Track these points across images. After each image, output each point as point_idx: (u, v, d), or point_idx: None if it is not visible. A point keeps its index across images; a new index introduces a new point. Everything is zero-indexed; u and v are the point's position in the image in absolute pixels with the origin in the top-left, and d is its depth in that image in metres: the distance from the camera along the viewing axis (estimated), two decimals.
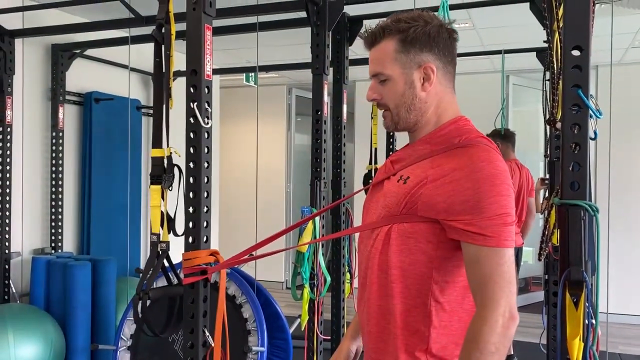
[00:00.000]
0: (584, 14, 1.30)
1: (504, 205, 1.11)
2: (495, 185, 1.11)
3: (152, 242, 1.74)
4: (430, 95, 1.24)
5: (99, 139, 3.90)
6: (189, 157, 1.70)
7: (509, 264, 1.10)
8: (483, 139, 1.20)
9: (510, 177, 3.72)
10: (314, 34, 2.63)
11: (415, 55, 1.21)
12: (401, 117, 1.25)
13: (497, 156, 1.16)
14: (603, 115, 1.30)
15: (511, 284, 1.10)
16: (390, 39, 1.22)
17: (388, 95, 1.24)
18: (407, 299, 1.18)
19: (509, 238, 1.11)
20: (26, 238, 3.52)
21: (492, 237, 1.09)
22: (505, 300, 1.08)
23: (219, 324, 1.68)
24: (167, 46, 1.74)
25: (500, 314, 1.07)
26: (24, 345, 2.89)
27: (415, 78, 1.22)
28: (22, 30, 3.34)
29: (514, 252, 4.08)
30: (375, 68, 1.25)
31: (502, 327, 1.07)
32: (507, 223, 1.11)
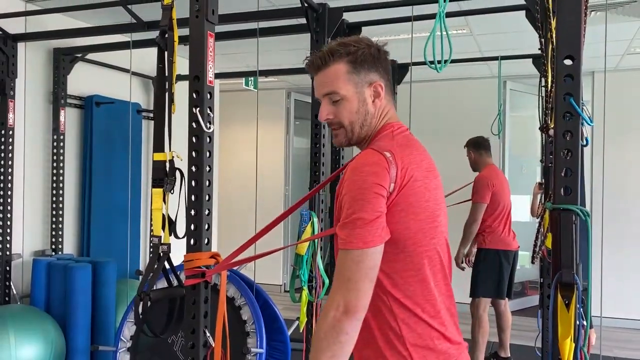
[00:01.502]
0: (576, 25, 1.34)
1: (357, 210, 1.18)
2: (352, 191, 1.20)
3: (153, 244, 1.78)
4: (378, 109, 1.35)
5: (99, 142, 3.93)
6: (192, 161, 1.74)
7: (351, 263, 1.18)
8: (378, 143, 1.29)
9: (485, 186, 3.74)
10: (313, 40, 2.68)
11: (365, 75, 1.32)
12: (355, 132, 1.34)
13: (369, 159, 1.23)
14: (594, 123, 1.34)
15: (351, 281, 1.17)
16: (340, 61, 1.31)
17: (342, 113, 1.32)
18: (375, 304, 1.25)
19: (355, 239, 1.18)
20: (27, 240, 3.54)
21: (342, 239, 1.20)
22: (339, 295, 1.17)
23: (219, 325, 1.71)
24: (170, 52, 1.78)
25: (334, 307, 1.17)
26: (24, 346, 2.91)
27: (367, 96, 1.33)
28: (25, 35, 3.38)
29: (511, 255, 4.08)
30: (327, 88, 1.32)
31: (332, 318, 1.16)
32: (356, 226, 1.18)
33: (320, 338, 1.17)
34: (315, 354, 1.18)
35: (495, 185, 3.87)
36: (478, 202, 3.85)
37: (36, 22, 3.49)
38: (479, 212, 3.84)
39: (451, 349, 1.26)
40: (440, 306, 1.27)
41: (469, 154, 4.11)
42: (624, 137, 5.53)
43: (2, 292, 3.34)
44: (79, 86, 3.88)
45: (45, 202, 3.69)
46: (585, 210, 1.34)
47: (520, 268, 5.11)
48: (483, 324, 3.83)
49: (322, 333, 1.17)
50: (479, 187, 3.88)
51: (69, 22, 3.73)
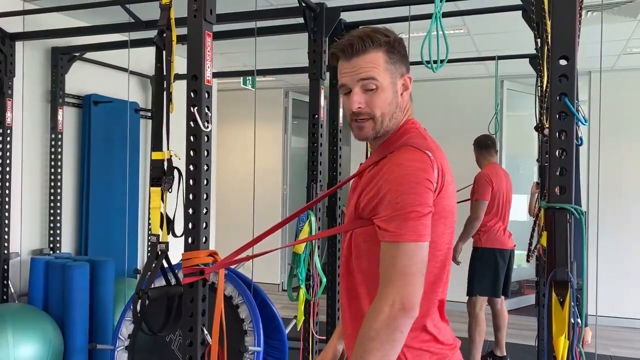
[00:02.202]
0: (571, 26, 1.35)
1: (409, 203, 1.15)
2: (402, 185, 1.16)
3: (151, 242, 1.79)
4: (404, 102, 1.32)
5: (97, 141, 3.93)
6: (189, 160, 1.75)
7: (405, 257, 1.13)
8: (414, 140, 1.25)
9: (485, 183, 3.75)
10: (311, 39, 2.69)
11: (399, 66, 1.30)
12: (384, 125, 1.29)
13: (416, 156, 1.20)
14: (588, 123, 1.35)
15: (406, 275, 1.12)
16: (379, 49, 1.26)
17: (376, 103, 1.27)
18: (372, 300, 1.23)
19: (409, 232, 1.14)
20: (25, 239, 3.54)
21: (392, 232, 1.15)
22: (394, 291, 1.12)
23: (216, 323, 1.72)
24: (169, 52, 1.79)
25: (387, 304, 1.11)
26: (23, 345, 2.92)
27: (398, 87, 1.30)
28: (23, 34, 3.38)
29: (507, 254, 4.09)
30: (366, 74, 1.26)
31: (387, 316, 1.11)
32: (409, 218, 1.14)
33: (371, 337, 1.11)
34: (363, 354, 1.12)
35: (494, 183, 3.88)
36: (479, 200, 3.86)
37: (34, 21, 3.49)
38: (481, 209, 3.85)
39: (445, 349, 1.27)
40: (439, 308, 1.28)
41: (474, 151, 4.13)
42: (620, 137, 5.56)
43: (0, 291, 3.34)
44: (76, 85, 3.88)
45: (43, 201, 3.69)
46: (580, 209, 1.35)
47: (516, 267, 5.14)
48: (480, 322, 3.85)
49: (373, 332, 1.11)
50: (479, 185, 3.90)
51: (67, 21, 3.74)
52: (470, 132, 4.26)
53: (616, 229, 5.44)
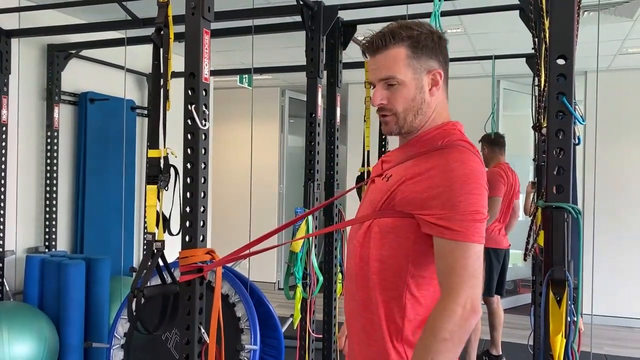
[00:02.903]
0: (569, 25, 1.35)
1: (473, 203, 1.16)
2: (467, 184, 1.16)
3: (147, 240, 1.78)
4: (435, 100, 1.30)
5: (93, 138, 3.92)
6: (187, 158, 1.74)
7: (474, 259, 1.15)
8: (463, 142, 1.25)
9: (499, 179, 3.74)
10: (308, 38, 2.68)
11: (425, 61, 1.27)
12: (407, 120, 1.28)
13: (473, 157, 1.21)
14: (586, 122, 1.36)
15: (475, 277, 1.14)
16: (401, 44, 1.26)
17: (397, 99, 1.27)
18: (386, 291, 1.24)
19: (477, 234, 1.15)
20: (20, 236, 3.53)
21: (460, 231, 1.14)
22: (467, 292, 1.12)
23: (214, 321, 1.72)
24: (166, 49, 1.78)
25: (460, 304, 1.11)
26: (18, 343, 2.92)
27: (424, 83, 1.28)
28: (19, 31, 3.37)
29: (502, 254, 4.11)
30: (386, 73, 1.26)
31: (460, 317, 1.11)
32: (476, 220, 1.16)
33: (444, 339, 1.10)
34: (434, 354, 1.10)
35: (505, 181, 3.88)
36: (494, 197, 3.82)
37: (30, 18, 3.48)
38: (497, 206, 3.83)
39: None
40: None
41: (482, 149, 4.08)
42: (616, 137, 5.59)
43: None
44: (73, 83, 3.87)
45: (39, 199, 3.68)
46: (577, 208, 1.35)
47: (512, 266, 5.15)
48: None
49: (446, 333, 1.10)
50: (492, 182, 3.84)
51: (63, 18, 3.73)
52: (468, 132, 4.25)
53: (611, 228, 5.47)
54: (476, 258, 1.15)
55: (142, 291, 1.76)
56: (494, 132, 4.10)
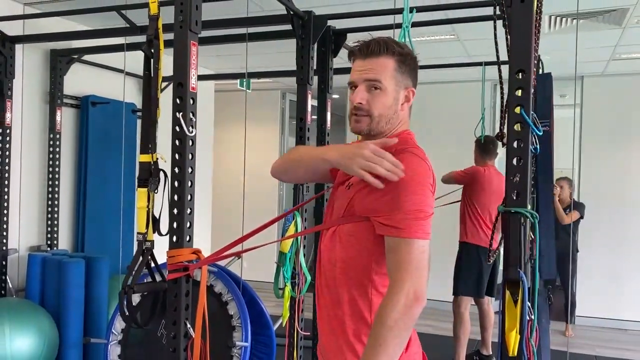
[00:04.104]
0: (527, 42, 1.45)
1: (417, 203, 1.26)
2: (411, 186, 1.27)
3: (138, 240, 1.88)
4: (403, 114, 1.44)
5: (94, 141, 4.03)
6: (175, 163, 1.84)
7: (417, 253, 1.25)
8: (412, 149, 1.36)
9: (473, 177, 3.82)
10: (298, 46, 2.78)
11: (405, 78, 1.41)
12: (379, 125, 1.40)
13: (419, 161, 1.32)
14: (542, 132, 1.45)
15: (418, 269, 1.24)
16: (391, 56, 1.39)
17: (376, 104, 1.38)
18: (352, 289, 1.35)
19: (420, 230, 1.25)
20: (23, 235, 3.64)
21: (403, 229, 1.25)
22: (410, 283, 1.22)
23: (199, 316, 1.82)
24: (156, 60, 1.89)
25: (404, 294, 1.21)
26: (19, 338, 3.01)
27: (400, 96, 1.41)
28: (23, 37, 3.48)
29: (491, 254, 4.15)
30: (374, 75, 1.38)
31: (403, 305, 1.20)
32: (419, 217, 1.26)
33: (389, 326, 1.20)
34: (381, 341, 1.20)
35: (476, 181, 3.96)
36: (455, 176, 4.05)
37: (34, 24, 3.59)
38: (449, 179, 4.06)
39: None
40: None
41: (474, 151, 4.21)
42: (612, 140, 5.65)
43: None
44: (75, 86, 3.98)
45: (42, 199, 3.79)
46: (534, 213, 1.44)
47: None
48: (464, 321, 3.94)
49: (391, 321, 1.20)
50: (465, 171, 4.04)
51: (66, 24, 3.83)
52: (464, 135, 4.32)
53: (603, 231, 5.52)
54: (419, 252, 1.25)
55: (132, 288, 1.86)
56: (484, 135, 4.18)
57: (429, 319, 5.67)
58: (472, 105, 5.52)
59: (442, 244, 5.98)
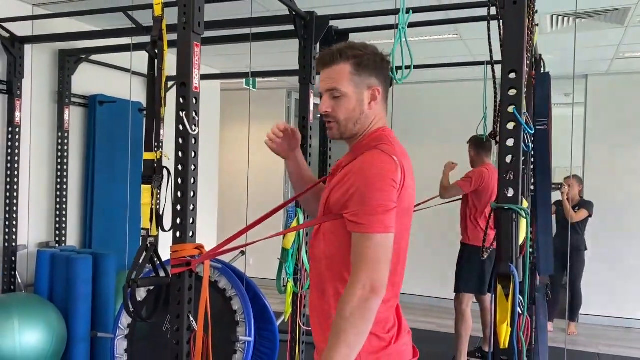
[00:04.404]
0: (519, 43, 1.48)
1: (378, 198, 1.31)
2: (373, 182, 1.32)
3: (142, 236, 1.94)
4: (373, 112, 1.47)
5: (102, 139, 4.10)
6: (178, 160, 1.89)
7: (375, 247, 1.29)
8: (383, 146, 1.40)
9: (482, 180, 3.85)
10: (301, 46, 2.82)
11: (366, 78, 1.45)
12: (348, 128, 1.47)
13: (384, 158, 1.36)
14: (534, 131, 1.48)
15: (375, 262, 1.28)
16: (347, 61, 1.44)
17: (340, 109, 1.44)
18: (336, 283, 1.41)
19: (380, 225, 1.30)
20: (32, 232, 3.72)
21: (363, 224, 1.30)
22: (367, 275, 1.27)
23: (201, 310, 1.87)
24: (160, 60, 1.94)
25: (360, 287, 1.26)
26: (28, 332, 3.08)
27: (364, 97, 1.45)
28: (32, 37, 3.55)
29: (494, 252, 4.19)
30: (331, 84, 1.44)
31: (359, 297, 1.26)
32: (378, 212, 1.30)
33: (346, 317, 1.25)
34: (341, 331, 1.25)
35: (484, 183, 3.97)
36: (457, 186, 4.00)
37: (42, 24, 3.65)
38: (453, 192, 4.02)
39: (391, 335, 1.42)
40: (394, 298, 1.44)
41: (469, 150, 4.19)
42: (617, 137, 5.65)
43: (8, 281, 3.52)
44: (82, 86, 4.05)
45: (50, 197, 3.86)
46: (525, 210, 1.48)
47: None
48: (466, 318, 3.97)
49: (347, 312, 1.25)
50: (466, 176, 4.01)
51: (74, 25, 3.90)
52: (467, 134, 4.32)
53: (607, 228, 5.53)
54: (378, 246, 1.29)
55: (137, 282, 1.92)
56: (480, 135, 4.19)
57: (431, 316, 5.72)
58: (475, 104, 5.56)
59: (442, 243, 6.05)
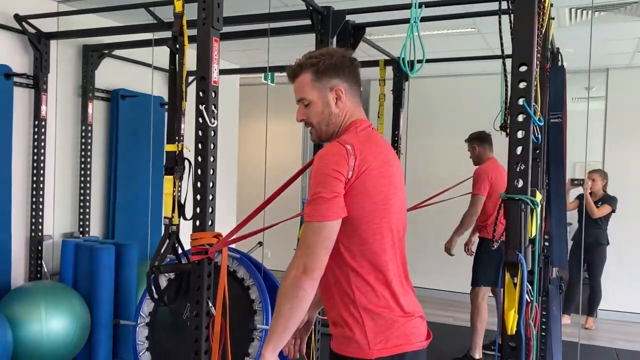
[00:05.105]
0: (529, 37, 1.51)
1: (319, 189, 1.41)
2: (317, 174, 1.44)
3: (164, 224, 2.01)
4: (342, 110, 1.57)
5: (124, 132, 4.20)
6: (197, 152, 1.96)
7: (312, 233, 1.40)
8: (343, 136, 1.51)
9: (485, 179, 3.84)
10: (318, 40, 2.87)
11: (326, 81, 1.55)
12: (322, 130, 1.59)
13: (331, 150, 1.45)
14: (543, 123, 1.51)
15: (310, 247, 1.40)
16: (306, 71, 1.56)
17: (311, 115, 1.58)
18: (335, 270, 1.49)
19: (316, 214, 1.40)
20: (57, 223, 3.83)
21: (306, 213, 1.43)
22: (301, 258, 1.40)
23: (220, 296, 1.94)
24: (181, 55, 2.01)
25: (294, 268, 1.40)
26: (54, 319, 3.17)
27: (329, 99, 1.56)
28: (57, 33, 3.64)
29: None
30: (299, 95, 1.58)
31: (293, 277, 1.40)
32: (317, 202, 1.41)
33: (282, 293, 1.41)
34: (278, 306, 1.42)
35: (494, 178, 3.99)
36: (477, 194, 3.98)
37: (67, 21, 3.75)
38: (478, 204, 3.97)
39: (398, 315, 1.48)
40: (392, 277, 1.48)
41: (472, 147, 4.21)
42: (636, 132, 5.59)
43: (35, 269, 3.63)
44: (105, 80, 4.14)
45: (74, 188, 3.97)
46: (535, 200, 1.51)
47: None
48: (482, 311, 3.99)
49: (283, 289, 1.41)
50: (478, 180, 4.01)
51: (97, 20, 3.99)
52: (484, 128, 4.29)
53: (624, 223, 5.48)
54: (313, 233, 1.40)
55: (159, 268, 1.99)
56: (480, 130, 4.19)
57: (448, 310, 5.74)
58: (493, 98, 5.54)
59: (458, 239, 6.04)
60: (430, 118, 6.17)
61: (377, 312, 1.46)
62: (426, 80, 5.90)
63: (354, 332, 1.46)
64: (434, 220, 5.60)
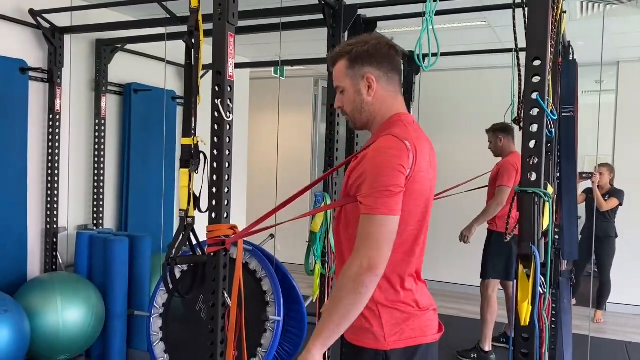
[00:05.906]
0: (543, 31, 1.52)
1: (384, 182, 1.38)
2: (381, 167, 1.39)
3: (180, 217, 2.05)
4: (376, 98, 1.56)
5: (137, 126, 4.23)
6: (213, 145, 1.99)
7: (377, 227, 1.36)
8: (395, 130, 1.48)
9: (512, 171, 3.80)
10: (329, 34, 2.88)
11: (359, 69, 1.55)
12: (356, 118, 1.59)
13: (393, 144, 1.42)
14: (556, 117, 1.53)
15: (376, 242, 1.35)
16: (342, 59, 1.57)
17: (346, 102, 1.58)
18: None
19: (383, 207, 1.37)
20: (72, 215, 3.88)
21: (369, 205, 1.38)
22: (365, 253, 1.35)
23: (235, 287, 1.98)
24: (197, 50, 2.03)
25: (357, 263, 1.34)
26: (70, 309, 3.23)
27: (361, 87, 1.55)
28: (71, 28, 3.68)
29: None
30: (335, 82, 1.60)
31: (355, 272, 1.34)
32: (384, 195, 1.37)
33: (341, 288, 1.35)
34: (334, 301, 1.36)
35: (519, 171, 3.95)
36: (503, 186, 3.93)
37: (80, 15, 3.78)
38: (504, 195, 3.92)
39: (414, 310, 1.50)
40: (412, 276, 1.52)
41: (497, 139, 4.13)
42: None
43: (50, 261, 3.69)
44: (118, 74, 4.18)
45: (88, 181, 4.02)
46: (548, 193, 1.53)
47: None
48: (492, 303, 4.01)
49: (343, 284, 1.35)
50: (506, 172, 3.96)
51: (110, 15, 4.02)
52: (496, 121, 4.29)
53: (636, 218, 5.47)
54: (379, 226, 1.36)
55: (175, 260, 2.03)
56: (501, 123, 4.15)
57: (458, 302, 5.76)
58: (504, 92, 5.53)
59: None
60: (439, 111, 6.17)
61: (394, 307, 1.48)
62: (436, 73, 5.89)
63: (372, 323, 1.48)
64: (445, 214, 5.61)
